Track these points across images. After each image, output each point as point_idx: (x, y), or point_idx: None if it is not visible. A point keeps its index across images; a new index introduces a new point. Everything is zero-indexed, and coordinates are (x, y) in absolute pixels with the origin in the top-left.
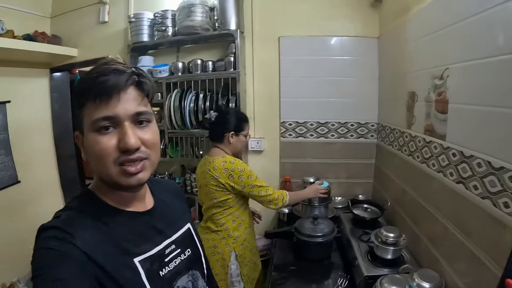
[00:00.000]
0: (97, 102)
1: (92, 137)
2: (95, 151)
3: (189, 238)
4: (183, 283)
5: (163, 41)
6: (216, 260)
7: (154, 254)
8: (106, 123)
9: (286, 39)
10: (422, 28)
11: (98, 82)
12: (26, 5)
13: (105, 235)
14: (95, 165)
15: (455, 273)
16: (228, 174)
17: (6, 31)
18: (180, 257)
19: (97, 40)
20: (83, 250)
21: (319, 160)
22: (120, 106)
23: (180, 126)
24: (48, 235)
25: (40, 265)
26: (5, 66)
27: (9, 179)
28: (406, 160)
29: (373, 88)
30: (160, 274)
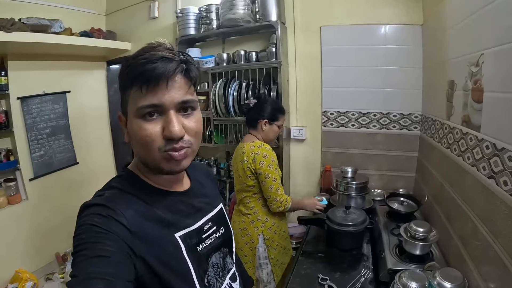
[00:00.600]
0: (144, 89)
1: (137, 123)
2: (140, 136)
3: (222, 217)
4: (216, 259)
5: (209, 34)
6: (245, 242)
7: (193, 230)
8: (151, 110)
9: (328, 29)
10: (460, 12)
11: (145, 70)
12: (82, 4)
13: (147, 211)
14: (140, 149)
15: (480, 276)
16: (253, 157)
17: (64, 29)
18: (216, 234)
19: (148, 35)
20: (127, 227)
21: (360, 150)
22: (167, 95)
23: (224, 114)
24: (92, 212)
25: (82, 241)
26: (66, 60)
27: (68, 160)
28: (444, 153)
29: (417, 77)
30: (198, 249)
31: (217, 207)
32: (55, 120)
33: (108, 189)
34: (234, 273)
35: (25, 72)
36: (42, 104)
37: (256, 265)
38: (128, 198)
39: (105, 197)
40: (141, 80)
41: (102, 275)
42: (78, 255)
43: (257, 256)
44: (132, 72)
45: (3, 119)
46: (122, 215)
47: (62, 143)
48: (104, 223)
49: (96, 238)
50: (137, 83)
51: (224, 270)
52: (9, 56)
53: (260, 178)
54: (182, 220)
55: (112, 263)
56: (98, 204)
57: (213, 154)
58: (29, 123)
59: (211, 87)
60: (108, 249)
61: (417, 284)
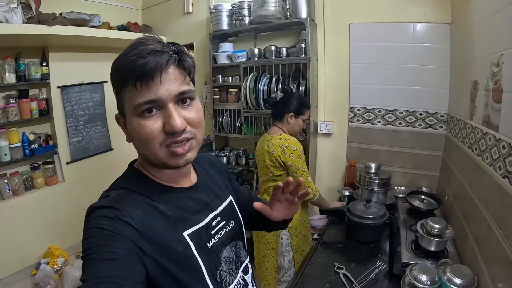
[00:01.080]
0: (138, 86)
1: (136, 121)
2: (140, 135)
3: (232, 210)
4: (228, 253)
5: (241, 29)
6: None
7: (201, 227)
8: (149, 106)
9: (357, 26)
10: (485, 11)
11: (137, 66)
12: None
13: (155, 211)
14: (141, 148)
15: (490, 276)
16: (282, 150)
17: (102, 23)
18: (225, 229)
19: (183, 29)
20: (135, 227)
21: (385, 147)
22: (162, 88)
23: (254, 107)
24: (99, 215)
25: (91, 245)
26: (103, 52)
27: (104, 146)
28: (466, 152)
29: (445, 76)
30: (208, 245)
31: (226, 200)
32: (92, 108)
33: (114, 189)
34: (247, 265)
35: (65, 63)
36: (80, 93)
37: (279, 252)
38: (135, 197)
39: (111, 198)
40: (134, 77)
41: (111, 279)
42: (88, 259)
43: (280, 244)
44: (124, 70)
45: (44, 106)
46: (129, 216)
47: (98, 130)
48: (112, 225)
49: (105, 241)
50: (130, 80)
51: (238, 263)
52: (50, 48)
53: (291, 170)
54: (190, 217)
55: (121, 266)
56: (105, 206)
57: (243, 145)
58: (68, 111)
59: (243, 81)
60: (116, 251)
61: (427, 277)
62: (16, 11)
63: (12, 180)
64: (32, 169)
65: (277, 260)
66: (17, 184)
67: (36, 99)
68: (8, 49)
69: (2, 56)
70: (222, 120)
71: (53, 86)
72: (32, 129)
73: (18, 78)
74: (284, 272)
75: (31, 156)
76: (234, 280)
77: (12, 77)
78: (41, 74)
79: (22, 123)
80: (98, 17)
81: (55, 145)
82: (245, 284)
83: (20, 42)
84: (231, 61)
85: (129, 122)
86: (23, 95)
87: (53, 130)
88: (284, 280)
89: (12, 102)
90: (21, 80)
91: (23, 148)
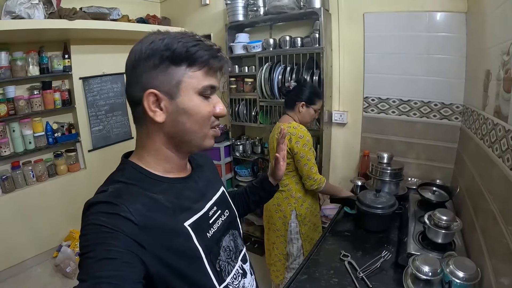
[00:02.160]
0: (211, 72)
1: (199, 100)
2: (202, 112)
3: (225, 199)
4: (227, 243)
5: (256, 20)
6: (279, 217)
7: (200, 217)
8: (210, 91)
9: (371, 16)
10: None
11: (218, 56)
12: None
13: (155, 203)
14: (193, 126)
15: (493, 269)
16: (289, 138)
17: (121, 16)
18: (221, 218)
19: (200, 20)
20: (134, 222)
21: (399, 138)
22: (219, 81)
23: (269, 96)
24: (98, 210)
25: (88, 243)
26: (123, 44)
27: (124, 135)
28: (478, 144)
29: (460, 66)
30: (208, 235)
31: (219, 190)
32: (113, 98)
33: (111, 184)
34: (245, 254)
35: (86, 55)
36: (102, 83)
37: (288, 240)
38: (134, 191)
39: (109, 193)
40: (214, 64)
41: (109, 279)
42: (85, 257)
43: (289, 231)
44: (201, 53)
45: (66, 97)
46: (128, 211)
47: (119, 119)
48: (110, 222)
49: (103, 239)
50: (208, 64)
51: (236, 252)
52: (71, 41)
53: (296, 157)
54: (190, 206)
55: (119, 265)
56: (103, 202)
57: (259, 134)
58: (90, 101)
59: (258, 70)
60: (115, 249)
61: (429, 268)
62: (37, 7)
63: (36, 167)
64: (55, 156)
65: (285, 247)
66: (40, 170)
67: (59, 90)
68: (32, 43)
69: (25, 50)
70: (238, 110)
71: (75, 78)
72: (56, 119)
73: (42, 70)
74: (293, 259)
75: (54, 144)
76: (232, 269)
77: (36, 69)
78: (64, 66)
79: (46, 113)
80: (118, 11)
81: (77, 134)
82: (244, 273)
83: (42, 36)
84: (247, 52)
85: (185, 99)
86: (47, 86)
87: (75, 119)
88: (293, 267)
89: (36, 93)
90: (44, 72)
91: (47, 136)
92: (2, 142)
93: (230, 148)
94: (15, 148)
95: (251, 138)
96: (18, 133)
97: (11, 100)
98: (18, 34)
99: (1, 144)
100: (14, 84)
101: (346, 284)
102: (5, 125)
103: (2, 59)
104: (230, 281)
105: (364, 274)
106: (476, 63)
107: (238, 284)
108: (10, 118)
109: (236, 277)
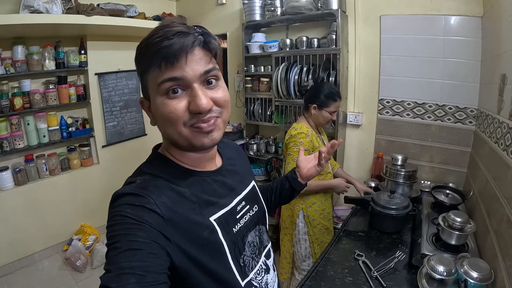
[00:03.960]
0: (163, 66)
1: (160, 100)
2: (164, 114)
3: (255, 194)
4: (252, 238)
5: (273, 20)
6: (288, 215)
7: (227, 211)
8: (173, 85)
9: (387, 18)
10: None
11: (162, 47)
12: None
13: (181, 196)
14: (165, 128)
15: (506, 271)
16: (287, 137)
17: (138, 13)
18: (249, 213)
19: (216, 19)
20: (160, 214)
21: (413, 140)
22: (187, 68)
23: (285, 96)
24: (124, 202)
25: (115, 233)
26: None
27: (138, 131)
28: (493, 148)
29: (475, 70)
30: (234, 230)
31: (249, 185)
32: (128, 94)
33: (139, 175)
34: (269, 250)
35: (102, 51)
36: (117, 80)
37: (295, 239)
38: (160, 183)
39: (136, 185)
40: (158, 58)
41: (133, 270)
42: (112, 247)
43: (296, 231)
44: (148, 53)
45: (82, 92)
46: (154, 203)
47: (133, 115)
48: (137, 214)
49: (129, 230)
50: (155, 61)
51: (261, 248)
52: (88, 37)
53: (285, 154)
54: (217, 201)
55: (144, 256)
56: (130, 193)
57: (273, 133)
58: (105, 96)
59: (274, 70)
60: (140, 240)
61: (444, 268)
62: (56, 2)
63: (50, 161)
64: (69, 151)
65: (292, 246)
66: (54, 164)
67: (74, 85)
68: (48, 38)
69: (42, 44)
70: (253, 109)
71: (91, 73)
72: (70, 113)
73: (58, 65)
74: (302, 260)
75: (68, 138)
76: (256, 265)
77: (52, 64)
78: (79, 61)
79: (61, 108)
80: (135, 8)
81: (92, 129)
82: (267, 269)
83: (59, 31)
84: (263, 51)
85: (153, 103)
86: (62, 81)
87: (89, 114)
88: (303, 268)
89: (52, 87)
90: (60, 67)
91: (61, 131)
92: (16, 134)
93: (244, 147)
94: (29, 141)
95: (265, 138)
96: (32, 127)
97: (26, 94)
98: (36, 28)
99: (16, 137)
100: (30, 78)
101: (361, 283)
102: (20, 118)
103: (19, 52)
104: (253, 276)
105: (378, 274)
106: (491, 67)
107: (261, 279)
108: (25, 111)
109: (260, 272)
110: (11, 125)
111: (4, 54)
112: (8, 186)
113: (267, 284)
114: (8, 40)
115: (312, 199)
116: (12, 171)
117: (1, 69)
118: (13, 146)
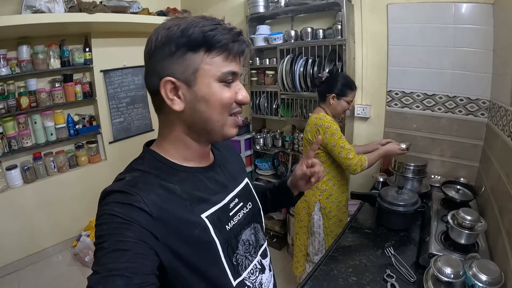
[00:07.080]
0: (231, 57)
1: (218, 87)
2: (221, 99)
3: (249, 192)
4: (247, 236)
5: (277, 12)
6: (303, 207)
7: (219, 208)
8: (232, 77)
9: (395, 6)
10: None
11: (237, 40)
12: None
13: (171, 193)
14: (212, 113)
15: None
16: (316, 129)
17: (141, 9)
18: (243, 211)
19: (220, 12)
20: (149, 213)
21: (423, 133)
22: (241, 67)
23: (291, 89)
24: (112, 200)
25: (103, 233)
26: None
27: (145, 127)
28: (505, 141)
29: (487, 60)
30: (227, 228)
31: (242, 182)
32: (134, 90)
33: (129, 172)
34: (265, 249)
35: (107, 48)
36: (122, 76)
37: (310, 232)
38: (150, 180)
39: (125, 182)
40: (233, 49)
41: (121, 272)
42: (99, 247)
43: (312, 223)
44: (220, 38)
45: (88, 89)
46: (143, 201)
47: (140, 111)
48: (125, 212)
49: (116, 230)
50: (227, 49)
51: (257, 247)
52: (92, 34)
53: (328, 148)
54: (209, 198)
55: (132, 257)
56: (119, 191)
57: (279, 127)
58: (111, 93)
59: (279, 63)
60: (128, 240)
61: (451, 270)
62: (57, 1)
63: (58, 158)
64: (76, 148)
65: (307, 238)
66: (62, 161)
67: (80, 83)
68: (52, 37)
69: (47, 43)
70: (259, 102)
71: (96, 70)
72: (77, 111)
73: (63, 63)
74: (314, 253)
75: (75, 136)
76: (250, 264)
77: (57, 62)
78: (84, 59)
79: (67, 105)
80: (138, 4)
81: (98, 126)
82: (262, 269)
83: (63, 30)
84: (268, 44)
85: (202, 86)
86: (68, 79)
87: (96, 111)
88: (314, 262)
89: (58, 86)
90: (65, 65)
91: (68, 128)
92: (24, 133)
93: (250, 141)
94: (37, 140)
95: (271, 131)
96: (39, 125)
97: (33, 93)
98: (39, 28)
99: (23, 136)
100: (35, 77)
101: (365, 283)
102: (27, 117)
103: (24, 52)
104: (247, 276)
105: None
106: (504, 56)
107: (255, 279)
108: (32, 110)
109: (254, 272)
110: (18, 124)
111: (9, 55)
112: (17, 184)
113: (261, 284)
114: (13, 40)
115: (330, 191)
116: (21, 169)
117: (7, 69)
118: (21, 145)
